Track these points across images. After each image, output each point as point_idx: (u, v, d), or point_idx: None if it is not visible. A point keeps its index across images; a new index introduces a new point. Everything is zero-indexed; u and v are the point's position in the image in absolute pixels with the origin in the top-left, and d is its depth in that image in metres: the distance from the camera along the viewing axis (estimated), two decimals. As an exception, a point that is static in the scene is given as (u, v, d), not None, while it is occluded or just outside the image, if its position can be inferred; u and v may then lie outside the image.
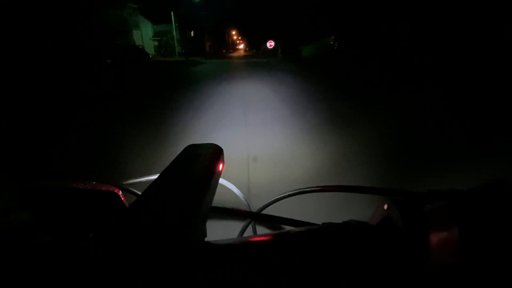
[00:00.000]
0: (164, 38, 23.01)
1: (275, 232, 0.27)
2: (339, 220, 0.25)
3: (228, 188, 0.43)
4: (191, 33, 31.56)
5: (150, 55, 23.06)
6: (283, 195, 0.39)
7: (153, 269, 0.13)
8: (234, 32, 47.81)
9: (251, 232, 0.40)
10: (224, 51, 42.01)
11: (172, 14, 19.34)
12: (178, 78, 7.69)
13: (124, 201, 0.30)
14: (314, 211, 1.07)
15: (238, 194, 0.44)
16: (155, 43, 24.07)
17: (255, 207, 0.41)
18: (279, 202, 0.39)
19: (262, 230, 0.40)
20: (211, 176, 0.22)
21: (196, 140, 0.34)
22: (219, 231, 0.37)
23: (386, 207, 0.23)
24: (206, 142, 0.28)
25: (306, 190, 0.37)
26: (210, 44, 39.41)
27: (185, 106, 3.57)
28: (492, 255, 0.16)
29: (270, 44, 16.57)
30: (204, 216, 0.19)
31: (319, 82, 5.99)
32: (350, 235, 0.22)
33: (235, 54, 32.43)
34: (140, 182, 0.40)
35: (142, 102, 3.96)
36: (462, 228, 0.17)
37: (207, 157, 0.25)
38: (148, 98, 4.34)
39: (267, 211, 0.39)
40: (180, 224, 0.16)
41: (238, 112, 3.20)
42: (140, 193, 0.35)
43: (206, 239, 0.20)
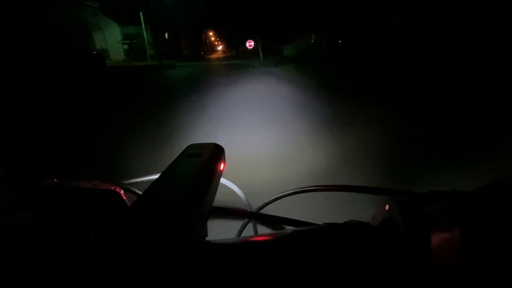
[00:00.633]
0: (134, 41, 21.18)
1: (276, 232, 0.27)
2: (340, 220, 0.25)
3: (230, 187, 0.43)
4: (165, 35, 29.80)
5: (122, 60, 21.09)
6: (284, 193, 0.39)
7: (154, 268, 0.13)
8: (211, 33, 46.35)
9: (252, 231, 0.40)
10: (202, 53, 40.51)
11: (142, 14, 17.70)
12: (136, 91, 6.26)
13: (126, 200, 0.30)
14: (315, 211, 1.05)
15: (239, 194, 0.44)
16: (125, 46, 22.17)
17: (256, 207, 0.40)
18: (280, 201, 0.39)
19: (263, 229, 0.40)
20: (212, 175, 0.22)
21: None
22: (220, 230, 0.36)
23: (387, 207, 0.22)
24: (208, 142, 0.28)
25: (307, 189, 0.37)
26: (187, 46, 37.77)
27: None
28: (494, 256, 0.16)
29: (250, 44, 15.44)
30: (205, 215, 0.19)
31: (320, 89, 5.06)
32: (351, 235, 0.22)
33: (214, 56, 31.08)
34: (141, 182, 0.40)
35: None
36: (464, 229, 0.16)
37: (208, 156, 0.25)
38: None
39: (268, 211, 0.39)
40: (181, 224, 0.16)
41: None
42: (141, 192, 0.35)
43: (207, 238, 0.21)
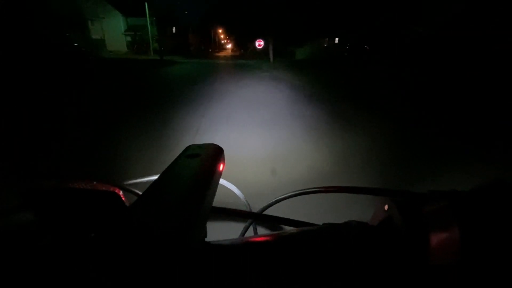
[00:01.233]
0: (138, 33, 20.13)
1: (276, 232, 0.27)
2: (340, 221, 0.25)
3: (229, 188, 0.43)
4: (173, 29, 28.77)
5: (124, 51, 19.99)
6: (284, 196, 0.39)
7: (153, 269, 0.13)
8: (221, 31, 45.34)
9: (251, 232, 0.40)
10: (210, 50, 39.48)
11: (146, 5, 16.61)
12: (118, 93, 5.11)
13: (125, 201, 0.30)
14: (314, 212, 1.05)
15: (238, 195, 0.44)
16: (128, 38, 21.15)
17: (255, 207, 0.41)
18: (280, 202, 0.40)
19: (262, 230, 0.41)
20: (212, 176, 0.22)
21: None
22: (220, 231, 0.36)
23: (386, 207, 0.23)
24: (207, 143, 0.28)
25: (307, 191, 0.37)
26: (195, 43, 36.75)
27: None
28: (493, 256, 0.16)
29: (259, 43, 14.27)
30: (204, 216, 0.19)
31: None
32: (350, 235, 0.22)
33: (222, 54, 29.95)
34: (141, 182, 0.41)
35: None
36: (462, 229, 0.17)
37: (207, 157, 0.25)
38: None
39: (268, 210, 0.40)
40: (180, 225, 0.16)
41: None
42: (140, 193, 0.35)
43: (207, 239, 0.21)
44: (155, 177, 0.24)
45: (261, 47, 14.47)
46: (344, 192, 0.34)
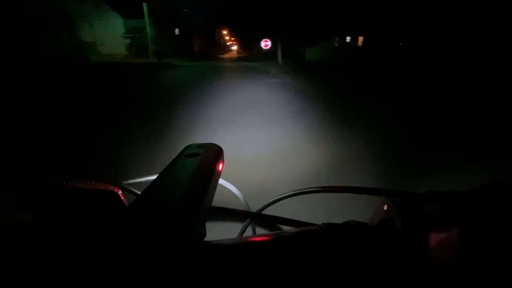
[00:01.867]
0: (137, 35, 19.11)
1: (275, 232, 0.27)
2: (339, 221, 0.25)
3: (228, 188, 0.43)
4: (175, 31, 27.76)
5: (123, 55, 18.94)
6: (283, 195, 0.39)
7: (152, 269, 0.13)
8: (226, 32, 44.28)
9: (250, 232, 0.40)
10: (215, 52, 38.41)
11: (145, 6, 15.55)
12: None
13: (124, 200, 0.30)
14: (313, 212, 1.04)
15: (237, 195, 0.44)
16: (128, 41, 20.18)
17: (254, 207, 0.41)
18: (279, 202, 0.40)
19: (261, 230, 0.41)
20: (211, 176, 0.22)
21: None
22: (219, 231, 0.36)
23: (385, 207, 0.23)
24: (206, 142, 0.28)
25: (306, 190, 0.37)
26: (199, 44, 35.72)
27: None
28: (492, 256, 0.16)
29: (266, 43, 12.98)
30: (203, 216, 0.19)
31: None
32: (349, 235, 0.22)
33: (227, 56, 28.80)
34: (140, 182, 0.40)
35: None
36: (461, 229, 0.17)
37: (207, 156, 0.25)
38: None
39: (267, 210, 0.40)
40: (179, 224, 0.16)
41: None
42: (139, 192, 0.35)
43: (206, 239, 0.21)
44: (154, 176, 0.24)
45: (267, 47, 13.15)
46: (343, 192, 0.34)
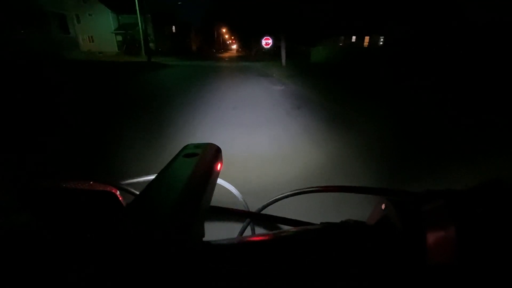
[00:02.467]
0: (129, 32, 17.88)
1: (273, 232, 0.27)
2: (337, 220, 0.25)
3: (227, 188, 0.44)
4: (172, 28, 26.54)
5: (115, 53, 17.60)
6: (282, 195, 0.40)
7: (150, 269, 0.13)
8: (225, 30, 43.01)
9: (249, 232, 0.40)
10: (214, 51, 37.15)
11: (136, 1, 14.35)
12: None
13: (122, 201, 0.30)
14: (312, 211, 1.03)
15: (236, 194, 0.44)
16: (119, 37, 18.97)
17: (253, 207, 0.41)
18: (277, 201, 0.40)
19: (260, 230, 0.41)
20: (209, 175, 0.22)
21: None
22: (218, 231, 0.37)
23: (383, 206, 0.23)
24: (204, 142, 0.28)
25: (305, 190, 0.38)
26: (197, 42, 34.48)
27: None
28: (490, 255, 0.16)
29: (267, 42, 11.82)
30: (202, 216, 0.19)
31: None
32: (348, 234, 0.22)
33: (226, 55, 27.58)
34: (138, 182, 0.41)
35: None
36: (459, 228, 0.17)
37: (205, 156, 0.25)
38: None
39: (265, 210, 0.40)
40: (178, 224, 0.16)
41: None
42: (137, 193, 0.35)
43: (205, 239, 0.21)
44: (153, 176, 0.22)
45: (268, 46, 11.99)
46: (341, 192, 0.35)
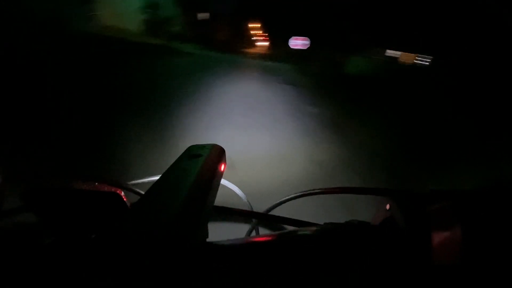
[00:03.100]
0: (157, 11, 16.93)
1: (277, 232, 0.27)
2: (342, 221, 0.25)
3: (231, 189, 0.44)
4: (201, 15, 25.61)
5: (138, 32, 16.75)
6: (287, 197, 0.39)
7: (154, 269, 0.13)
8: (256, 26, 41.77)
9: (253, 232, 0.40)
10: (240, 45, 36.01)
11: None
12: None
13: (126, 201, 0.30)
14: (316, 212, 1.04)
15: (240, 195, 0.45)
16: (145, 16, 18.10)
17: (257, 208, 0.40)
18: (283, 204, 0.40)
19: (264, 231, 0.41)
20: (213, 176, 0.23)
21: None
22: (221, 232, 0.36)
23: (388, 207, 0.23)
24: (208, 143, 0.28)
25: (310, 192, 0.38)
26: (225, 34, 33.48)
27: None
28: (495, 255, 0.16)
29: (295, 43, 10.40)
30: (206, 216, 0.19)
31: None
32: (352, 235, 0.22)
33: (253, 51, 26.29)
34: (142, 183, 0.41)
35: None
36: (464, 228, 0.17)
37: (209, 157, 0.25)
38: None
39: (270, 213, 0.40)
40: (181, 225, 0.16)
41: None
42: (142, 193, 0.35)
43: (208, 239, 0.21)
44: (157, 177, 0.24)
45: (296, 47, 10.57)
46: (346, 193, 0.34)
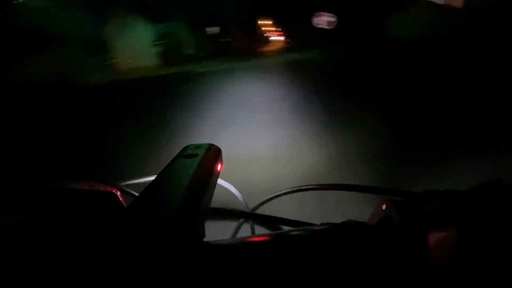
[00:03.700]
0: (168, 40, 16.91)
1: (274, 232, 0.27)
2: (338, 220, 0.25)
3: (227, 188, 0.44)
4: (211, 29, 25.28)
5: (153, 65, 16.98)
6: (281, 192, 0.40)
7: (151, 269, 0.13)
8: (269, 23, 40.13)
9: (249, 232, 0.41)
10: (256, 46, 34.80)
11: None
12: None
13: (123, 201, 0.31)
14: (312, 211, 1.07)
15: (236, 195, 0.45)
16: (158, 48, 18.31)
17: (253, 203, 0.40)
18: (278, 201, 0.39)
19: (260, 230, 0.41)
20: (210, 176, 0.23)
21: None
22: (218, 231, 0.36)
23: (384, 207, 0.23)
24: (205, 142, 0.28)
25: (304, 188, 0.37)
26: (239, 41, 32.69)
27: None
28: (491, 256, 0.16)
29: (319, 20, 8.44)
30: (202, 216, 0.20)
31: None
32: (348, 235, 0.22)
33: (270, 49, 24.90)
34: (138, 183, 0.41)
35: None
36: (460, 228, 0.17)
37: (205, 157, 0.25)
38: None
39: (265, 210, 0.40)
40: (178, 225, 0.16)
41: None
42: (138, 194, 0.35)
43: (205, 239, 0.21)
44: (153, 177, 0.24)
45: (326, 24, 8.62)
46: (341, 190, 0.34)
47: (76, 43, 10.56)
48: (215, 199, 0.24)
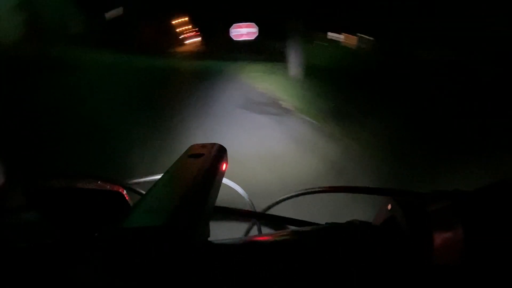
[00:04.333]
0: (34, 10, 12.16)
1: (279, 232, 0.27)
2: (343, 220, 0.25)
3: (233, 188, 0.42)
4: (112, 13, 20.92)
5: (13, 39, 11.68)
6: (289, 195, 0.39)
7: (156, 268, 0.13)
8: (185, 20, 37.62)
9: (255, 232, 0.39)
10: (167, 44, 31.65)
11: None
12: None
13: (129, 200, 0.30)
14: (317, 211, 0.97)
15: (242, 194, 0.43)
16: (22, 17, 13.11)
17: (259, 207, 0.39)
18: (284, 202, 0.39)
19: (265, 230, 0.40)
20: (215, 175, 0.23)
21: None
22: (223, 231, 0.36)
23: (389, 207, 0.23)
24: (210, 142, 0.28)
25: (311, 191, 0.37)
26: (147, 33, 28.87)
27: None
28: (497, 256, 0.16)
29: (237, 32, 7.47)
30: (207, 215, 0.20)
31: None
32: (353, 235, 0.22)
33: (184, 50, 22.75)
34: (144, 182, 0.40)
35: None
36: (466, 228, 0.17)
37: (210, 156, 0.25)
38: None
39: (271, 210, 0.39)
40: (183, 224, 0.16)
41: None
42: (144, 192, 0.35)
43: (210, 239, 0.21)
44: (158, 176, 0.24)
45: (241, 38, 7.86)
46: (348, 192, 0.34)
47: None
48: (221, 198, 0.24)
